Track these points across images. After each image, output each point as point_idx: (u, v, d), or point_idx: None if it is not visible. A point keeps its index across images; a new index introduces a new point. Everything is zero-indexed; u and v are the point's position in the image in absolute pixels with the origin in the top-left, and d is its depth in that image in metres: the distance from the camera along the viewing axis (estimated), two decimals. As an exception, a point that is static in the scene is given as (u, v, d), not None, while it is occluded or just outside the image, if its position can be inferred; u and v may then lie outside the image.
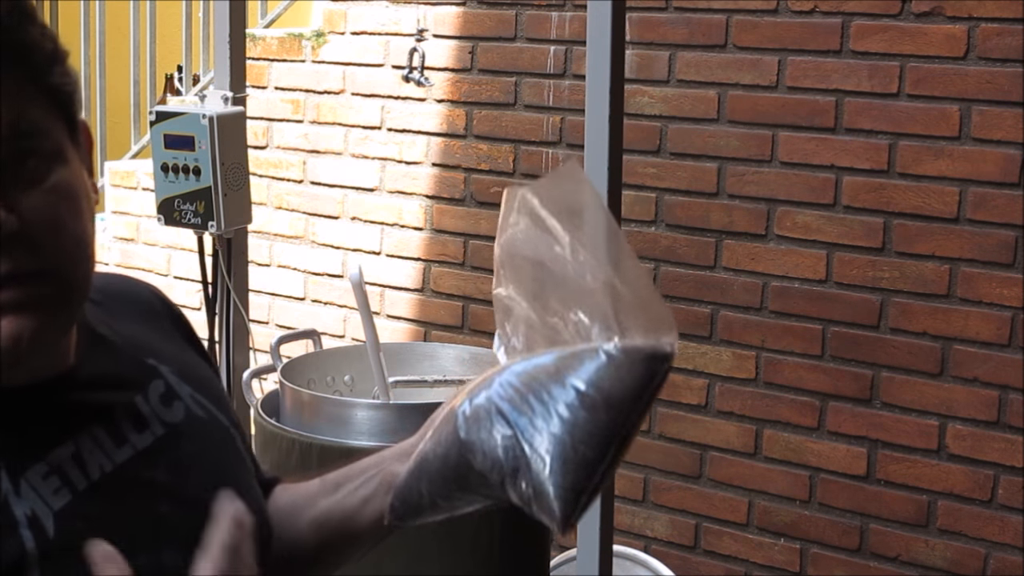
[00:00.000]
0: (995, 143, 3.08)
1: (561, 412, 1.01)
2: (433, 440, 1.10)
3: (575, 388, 1.02)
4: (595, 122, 2.19)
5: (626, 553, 3.20)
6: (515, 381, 1.05)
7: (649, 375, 1.03)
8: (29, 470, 0.99)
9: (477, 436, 1.05)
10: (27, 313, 0.97)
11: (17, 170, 0.97)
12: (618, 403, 1.02)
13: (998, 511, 3.14)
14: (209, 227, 2.77)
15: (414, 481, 1.11)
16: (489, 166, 3.85)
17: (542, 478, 1.01)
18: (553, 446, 1.01)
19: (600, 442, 1.01)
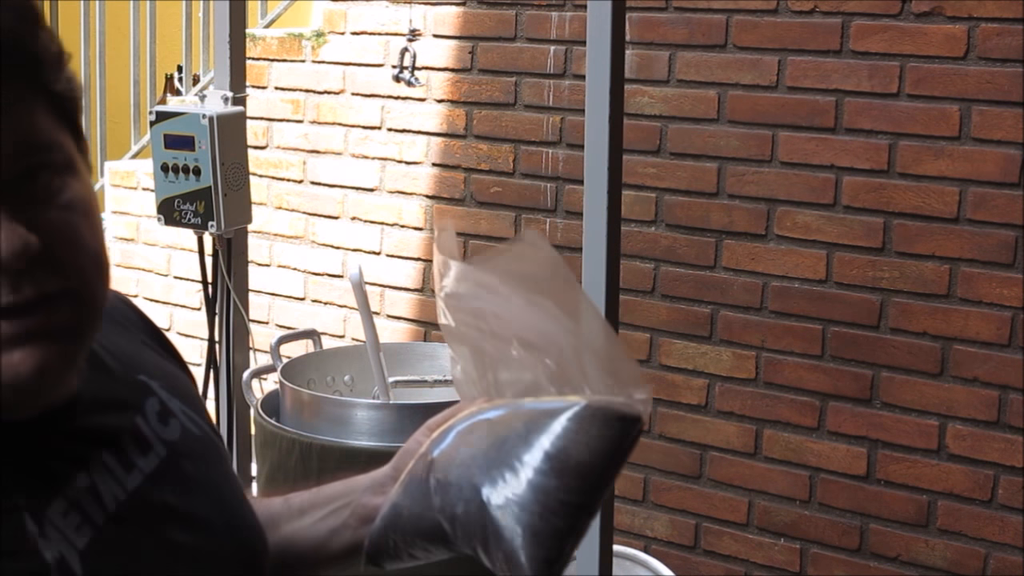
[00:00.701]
0: (995, 143, 3.09)
1: (531, 479, 1.00)
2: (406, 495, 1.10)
3: (544, 452, 1.01)
4: (595, 122, 2.19)
5: (626, 553, 3.20)
6: (484, 444, 1.04)
7: (619, 438, 1.02)
8: (50, 508, 0.95)
9: (450, 505, 1.04)
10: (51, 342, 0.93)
11: (32, 186, 0.92)
12: (588, 469, 1.01)
13: (998, 511, 3.14)
14: (209, 227, 2.77)
15: (389, 532, 1.11)
16: (489, 166, 3.85)
17: (514, 549, 1.00)
18: (524, 517, 1.00)
19: (570, 511, 1.00)
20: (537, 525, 1.00)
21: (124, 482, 1.02)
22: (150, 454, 1.05)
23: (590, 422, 1.01)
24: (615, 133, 2.18)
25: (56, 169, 0.94)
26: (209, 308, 2.91)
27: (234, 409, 2.86)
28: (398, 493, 1.11)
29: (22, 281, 0.90)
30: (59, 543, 0.94)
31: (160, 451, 1.06)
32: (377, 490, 1.19)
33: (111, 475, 1.01)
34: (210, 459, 1.14)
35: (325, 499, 1.23)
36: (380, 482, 1.20)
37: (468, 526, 1.03)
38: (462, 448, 1.06)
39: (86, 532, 0.96)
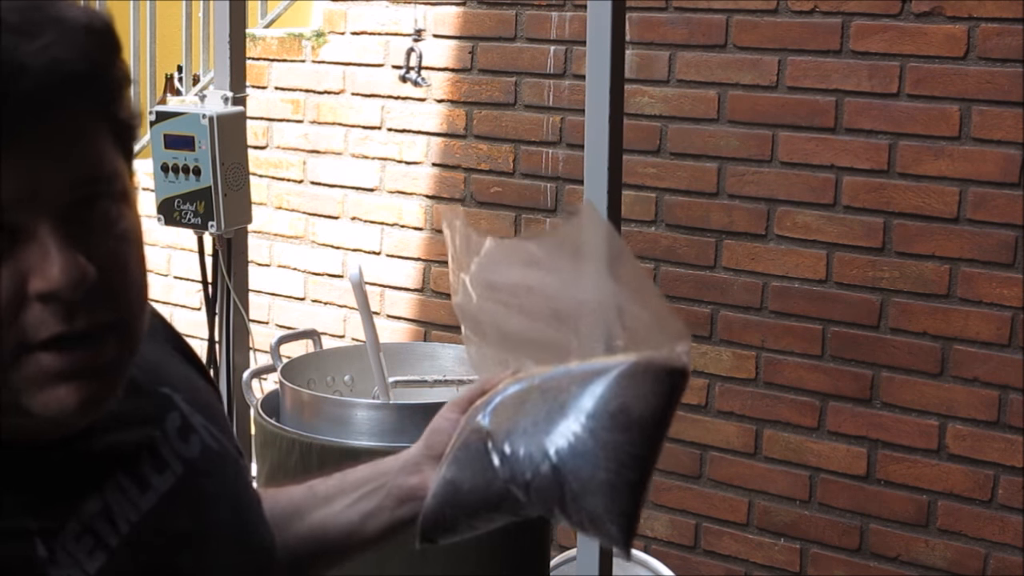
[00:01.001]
0: (995, 143, 3.08)
1: (600, 438, 1.05)
2: (462, 469, 1.11)
3: (608, 410, 1.05)
4: (595, 122, 2.19)
5: (626, 553, 3.19)
6: (542, 410, 1.07)
7: (671, 390, 1.07)
8: (62, 532, 0.93)
9: (520, 474, 1.07)
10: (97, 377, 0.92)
11: (91, 215, 0.91)
12: (649, 422, 1.06)
13: (998, 511, 3.14)
14: (209, 227, 2.77)
15: (446, 507, 1.13)
16: (489, 166, 3.85)
17: (596, 507, 1.05)
18: (599, 475, 1.04)
19: (640, 463, 1.06)
20: (613, 480, 1.04)
21: (138, 503, 1.00)
22: (166, 472, 1.04)
23: (642, 378, 1.06)
24: (615, 133, 2.18)
25: (115, 199, 0.93)
26: (209, 308, 2.91)
27: (234, 409, 2.86)
28: (451, 469, 1.12)
29: (76, 312, 0.89)
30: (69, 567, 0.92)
31: (177, 469, 1.05)
32: (411, 470, 1.19)
33: (125, 496, 0.99)
34: (228, 476, 1.12)
35: (353, 484, 1.22)
36: (414, 462, 1.19)
37: (543, 491, 1.06)
38: (519, 417, 1.08)
39: (99, 556, 0.95)
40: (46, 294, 0.88)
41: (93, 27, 0.91)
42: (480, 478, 1.10)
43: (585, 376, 1.07)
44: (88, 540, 0.94)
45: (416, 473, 1.18)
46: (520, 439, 1.08)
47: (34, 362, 0.89)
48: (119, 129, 0.95)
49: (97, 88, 0.92)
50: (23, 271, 0.88)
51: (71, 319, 0.89)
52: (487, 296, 1.14)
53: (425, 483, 1.17)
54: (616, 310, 1.08)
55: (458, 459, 1.12)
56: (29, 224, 0.88)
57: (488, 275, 1.14)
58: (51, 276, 0.88)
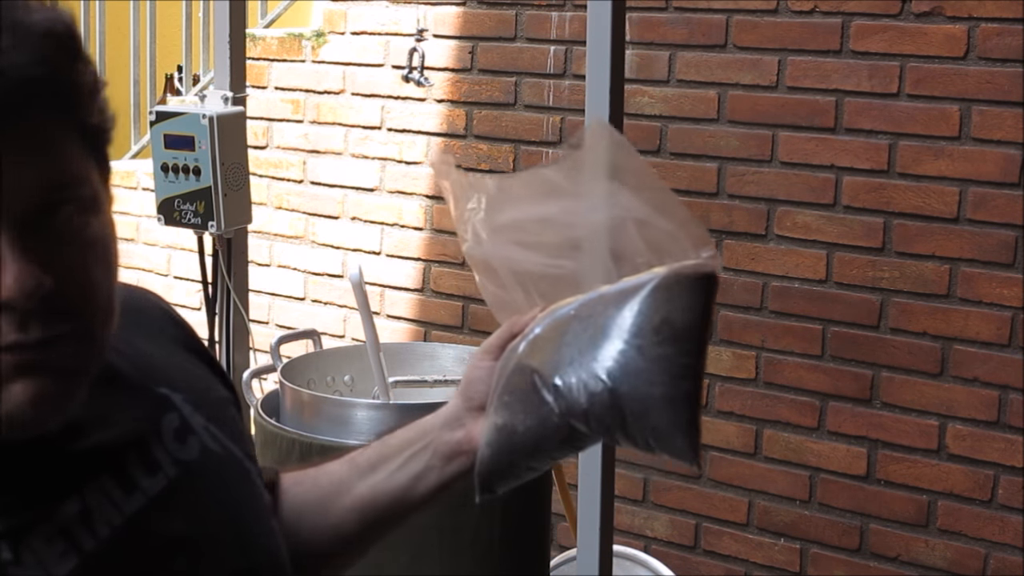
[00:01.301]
0: (995, 143, 3.08)
1: (650, 353, 1.05)
2: (513, 413, 1.10)
3: (652, 325, 1.05)
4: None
5: (626, 553, 3.20)
6: (585, 337, 1.07)
7: (706, 296, 1.07)
8: (32, 533, 0.91)
9: (577, 404, 1.07)
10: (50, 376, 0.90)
11: (53, 223, 0.89)
12: (693, 330, 1.06)
13: (998, 511, 3.14)
14: (209, 227, 2.77)
15: (503, 455, 1.11)
16: (489, 166, 3.85)
17: (659, 422, 1.05)
18: (657, 389, 1.05)
19: (692, 372, 1.07)
20: (671, 393, 1.05)
21: (122, 506, 0.97)
22: (158, 475, 1.01)
23: (677, 288, 1.06)
24: (615, 133, 2.18)
25: (80, 205, 0.91)
26: (209, 308, 2.91)
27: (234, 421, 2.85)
28: (500, 415, 1.11)
29: (30, 321, 0.88)
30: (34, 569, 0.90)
31: (170, 472, 1.02)
32: (454, 425, 1.17)
33: (108, 499, 0.97)
34: (229, 479, 1.09)
35: (396, 448, 1.20)
36: (455, 416, 1.17)
37: (602, 417, 1.06)
38: (562, 349, 1.08)
39: (70, 559, 0.92)
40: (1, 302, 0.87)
41: (53, 31, 0.90)
42: (534, 418, 1.09)
43: (620, 296, 1.07)
44: (59, 543, 0.92)
45: (459, 428, 1.16)
46: (569, 370, 1.07)
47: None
48: (89, 134, 0.93)
49: (58, 93, 0.90)
50: None
51: (24, 328, 0.88)
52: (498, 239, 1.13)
53: (471, 436, 1.15)
54: (636, 225, 1.08)
55: (507, 404, 1.11)
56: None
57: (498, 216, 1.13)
58: (5, 285, 0.87)
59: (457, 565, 2.42)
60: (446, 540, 2.40)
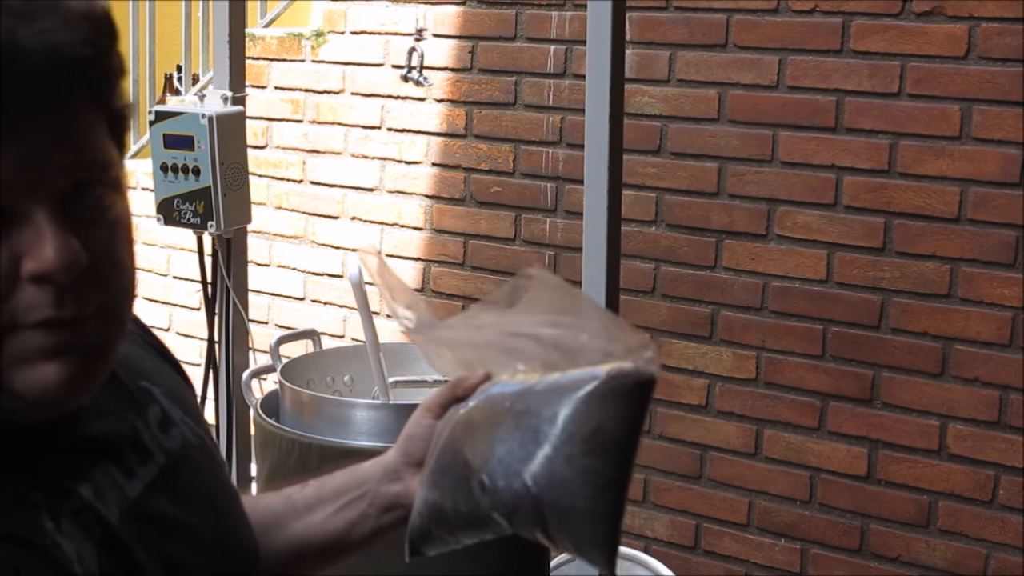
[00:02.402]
0: (996, 143, 3.08)
1: (576, 464, 1.06)
2: (445, 494, 1.14)
3: (583, 436, 1.06)
4: (595, 122, 2.19)
5: (626, 553, 3.19)
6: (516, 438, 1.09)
7: (641, 403, 1.08)
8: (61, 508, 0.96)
9: (502, 504, 1.09)
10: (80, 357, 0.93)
11: (85, 203, 0.92)
12: (623, 440, 1.07)
13: (999, 511, 3.14)
14: (209, 227, 2.77)
15: (432, 526, 1.16)
16: (489, 166, 3.85)
17: (576, 536, 1.07)
18: (579, 502, 1.06)
19: (617, 484, 1.07)
20: (592, 506, 1.06)
21: (126, 490, 1.01)
22: (150, 463, 1.05)
23: (612, 396, 1.06)
24: (615, 133, 2.18)
25: (107, 187, 0.94)
26: (209, 308, 2.90)
27: (233, 409, 2.85)
28: (432, 493, 1.15)
29: (66, 297, 0.90)
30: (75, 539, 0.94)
31: (160, 459, 1.06)
32: (392, 478, 1.22)
33: (113, 483, 1.01)
34: (207, 469, 1.13)
35: (333, 492, 1.25)
36: (393, 469, 1.22)
37: (525, 520, 1.09)
38: (495, 444, 1.10)
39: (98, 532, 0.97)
40: (39, 275, 0.89)
41: (92, 14, 0.92)
42: (463, 504, 1.12)
43: (557, 393, 1.08)
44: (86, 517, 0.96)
45: (397, 481, 1.22)
46: (498, 469, 1.09)
47: (21, 340, 0.90)
48: (113, 119, 0.96)
49: (94, 75, 0.93)
50: (18, 253, 0.89)
51: (61, 305, 0.90)
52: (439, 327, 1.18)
53: (407, 490, 1.21)
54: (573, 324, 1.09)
55: (438, 482, 1.14)
56: (26, 207, 0.89)
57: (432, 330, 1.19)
58: (45, 258, 0.89)
59: (457, 565, 2.41)
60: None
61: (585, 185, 2.21)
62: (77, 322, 0.91)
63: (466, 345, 1.17)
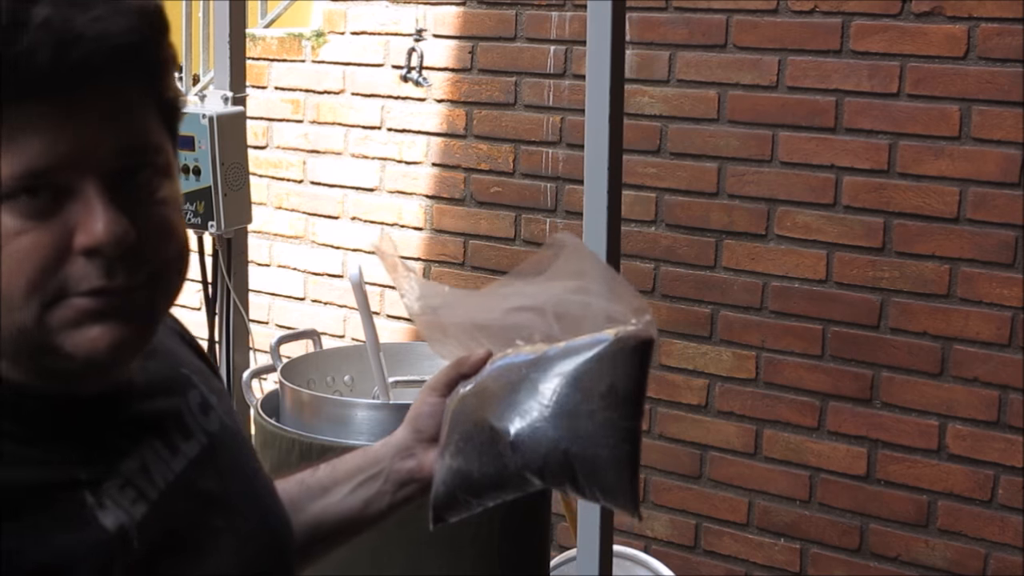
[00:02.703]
0: (995, 143, 3.08)
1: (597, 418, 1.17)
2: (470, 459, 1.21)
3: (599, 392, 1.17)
4: (595, 122, 2.19)
5: (626, 553, 3.20)
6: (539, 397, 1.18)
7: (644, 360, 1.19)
8: (107, 482, 1.01)
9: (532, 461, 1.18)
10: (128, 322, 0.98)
11: (134, 183, 0.98)
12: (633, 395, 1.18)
13: (998, 511, 3.14)
14: (209, 227, 2.77)
15: (458, 493, 1.23)
16: (489, 166, 3.85)
17: (606, 480, 1.18)
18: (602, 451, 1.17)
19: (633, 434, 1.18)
20: (616, 455, 1.17)
21: (171, 465, 1.07)
22: (192, 441, 1.11)
23: (620, 356, 1.18)
24: (615, 133, 2.18)
25: (157, 170, 1.00)
26: (209, 308, 2.91)
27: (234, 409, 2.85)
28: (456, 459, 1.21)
29: (116, 268, 0.96)
30: (117, 513, 0.99)
31: (201, 439, 1.12)
32: (406, 455, 1.27)
33: (159, 457, 1.07)
34: (242, 453, 1.20)
35: (347, 473, 1.31)
36: (406, 446, 1.28)
37: (555, 473, 1.18)
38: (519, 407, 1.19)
39: (141, 505, 1.02)
40: (90, 248, 0.95)
41: (145, 7, 0.99)
42: (490, 467, 1.20)
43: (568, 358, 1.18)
44: (131, 491, 1.02)
45: (410, 457, 1.27)
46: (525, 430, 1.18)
47: (71, 305, 0.96)
48: (164, 107, 1.02)
49: (144, 63, 0.99)
50: (70, 227, 0.95)
51: (111, 275, 0.96)
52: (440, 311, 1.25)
53: (422, 466, 1.27)
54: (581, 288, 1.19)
55: (463, 450, 1.21)
56: (78, 184, 0.95)
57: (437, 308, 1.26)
58: (96, 232, 0.95)
59: (457, 565, 2.42)
60: (446, 540, 2.40)
61: (585, 185, 2.21)
62: (126, 291, 0.97)
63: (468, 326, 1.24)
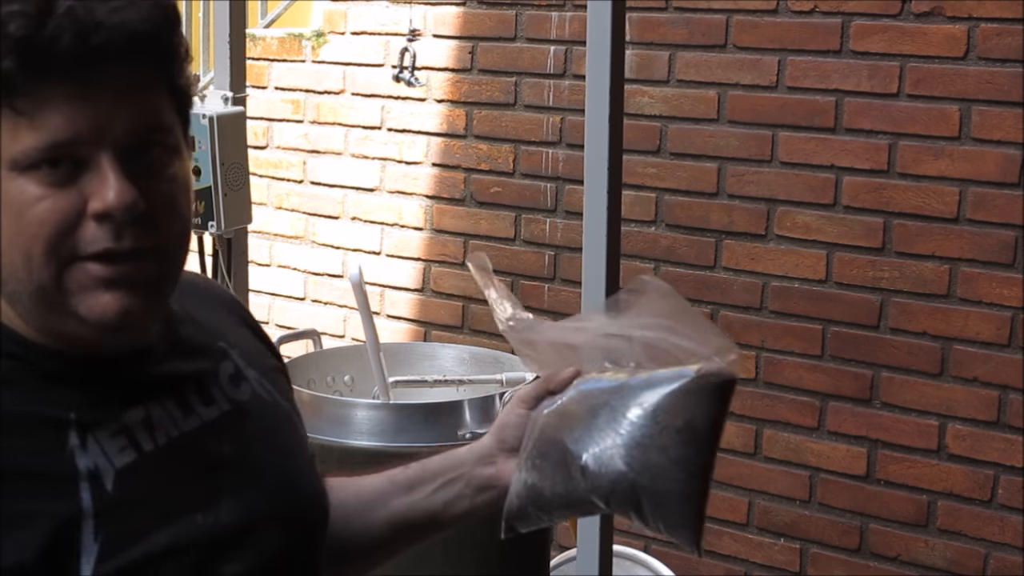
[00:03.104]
0: (995, 143, 3.08)
1: (671, 454, 1.19)
2: (544, 476, 1.25)
3: (676, 429, 1.19)
4: (595, 122, 2.19)
5: (626, 553, 3.20)
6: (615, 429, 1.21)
7: (725, 400, 1.21)
8: (99, 428, 1.09)
9: (601, 487, 1.22)
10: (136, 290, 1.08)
11: (145, 159, 1.08)
12: (710, 433, 1.20)
13: (998, 511, 3.14)
14: (209, 227, 2.77)
15: (529, 507, 1.27)
16: (489, 166, 3.85)
17: (670, 517, 1.21)
18: (673, 486, 1.20)
19: (705, 472, 1.21)
20: (686, 491, 1.20)
21: (180, 424, 1.15)
22: (212, 407, 1.19)
23: (700, 393, 1.20)
24: (615, 133, 2.18)
25: (167, 149, 1.11)
26: (209, 308, 2.90)
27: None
28: (532, 475, 1.26)
29: (123, 233, 1.06)
30: (97, 457, 1.08)
31: (223, 406, 1.20)
32: (487, 462, 1.33)
33: (168, 415, 1.14)
34: (279, 425, 1.27)
35: (432, 474, 1.36)
36: (488, 454, 1.33)
37: (621, 499, 1.21)
38: (595, 434, 1.22)
39: (129, 454, 1.10)
40: (101, 213, 1.05)
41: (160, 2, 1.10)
42: (561, 487, 1.24)
43: (650, 390, 1.21)
44: (122, 439, 1.10)
45: (491, 465, 1.32)
46: (599, 454, 1.21)
47: (84, 270, 1.06)
48: (177, 93, 1.13)
49: (157, 50, 1.09)
50: (85, 194, 1.06)
51: (119, 237, 1.06)
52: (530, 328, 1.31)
53: (501, 474, 1.32)
54: (666, 331, 1.22)
55: (538, 467, 1.26)
56: (94, 157, 1.06)
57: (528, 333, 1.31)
58: (107, 198, 1.05)
59: (457, 565, 2.42)
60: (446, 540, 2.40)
61: (585, 185, 2.22)
62: (133, 256, 1.07)
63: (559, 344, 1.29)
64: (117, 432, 1.10)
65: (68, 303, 1.07)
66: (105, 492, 1.07)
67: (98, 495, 1.06)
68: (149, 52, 1.08)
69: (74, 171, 1.06)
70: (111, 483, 1.07)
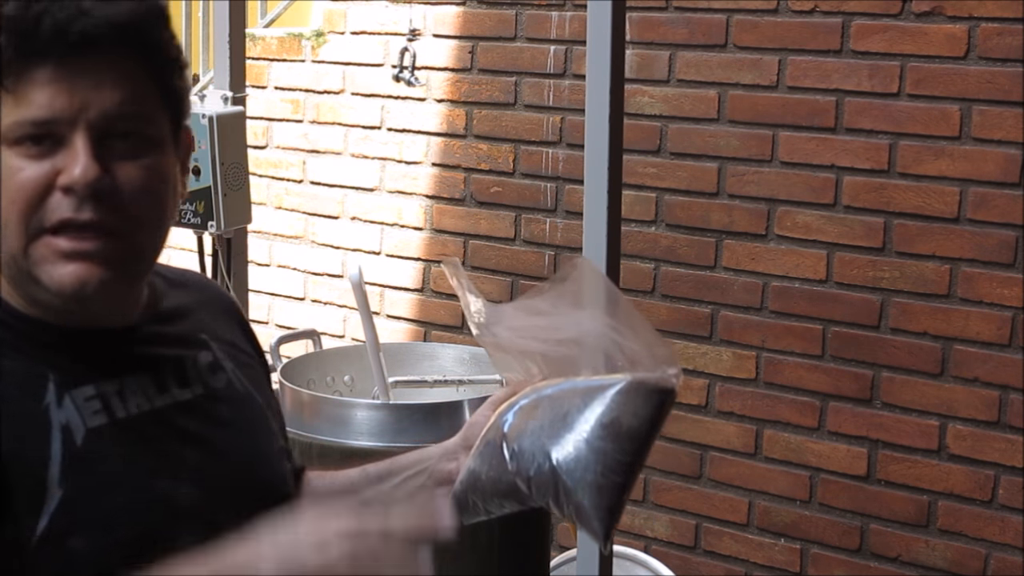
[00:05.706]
0: (995, 143, 3.08)
1: (592, 444, 1.24)
2: (483, 462, 1.32)
3: (600, 422, 1.24)
4: (595, 122, 2.19)
5: (626, 553, 3.20)
6: (548, 417, 1.27)
7: (658, 407, 1.25)
8: (75, 389, 1.17)
9: (524, 469, 1.27)
10: (96, 263, 1.15)
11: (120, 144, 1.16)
12: (636, 433, 1.24)
13: (998, 511, 3.14)
14: (209, 227, 2.77)
15: (469, 493, 1.33)
16: (489, 166, 3.85)
17: (582, 502, 1.24)
18: (588, 476, 1.23)
19: (624, 468, 1.24)
20: (600, 481, 1.23)
21: (153, 399, 1.23)
22: (186, 389, 1.26)
23: (634, 395, 1.25)
24: (615, 133, 2.18)
25: (145, 139, 1.18)
26: (209, 308, 2.90)
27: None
28: (475, 460, 1.33)
29: (85, 205, 1.14)
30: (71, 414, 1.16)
31: (197, 390, 1.27)
32: (450, 457, 1.39)
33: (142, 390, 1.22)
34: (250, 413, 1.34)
35: (401, 467, 1.43)
36: (451, 451, 1.40)
37: (541, 485, 1.26)
38: (530, 421, 1.29)
39: (101, 418, 1.17)
40: (66, 186, 1.14)
41: None
42: (495, 471, 1.30)
43: (587, 391, 1.26)
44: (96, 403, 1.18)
45: (453, 460, 1.39)
46: (527, 440, 1.27)
47: (47, 242, 1.15)
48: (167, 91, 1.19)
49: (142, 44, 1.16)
50: (57, 169, 1.15)
51: (79, 209, 1.14)
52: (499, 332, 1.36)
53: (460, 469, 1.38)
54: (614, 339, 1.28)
55: (481, 453, 1.32)
56: (71, 136, 1.14)
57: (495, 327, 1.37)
58: (73, 172, 1.14)
59: (457, 565, 2.42)
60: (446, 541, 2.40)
61: (585, 185, 2.22)
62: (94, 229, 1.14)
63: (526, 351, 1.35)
64: (92, 397, 1.17)
65: (34, 272, 1.16)
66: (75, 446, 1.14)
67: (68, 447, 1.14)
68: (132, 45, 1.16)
69: (53, 148, 1.15)
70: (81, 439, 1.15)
